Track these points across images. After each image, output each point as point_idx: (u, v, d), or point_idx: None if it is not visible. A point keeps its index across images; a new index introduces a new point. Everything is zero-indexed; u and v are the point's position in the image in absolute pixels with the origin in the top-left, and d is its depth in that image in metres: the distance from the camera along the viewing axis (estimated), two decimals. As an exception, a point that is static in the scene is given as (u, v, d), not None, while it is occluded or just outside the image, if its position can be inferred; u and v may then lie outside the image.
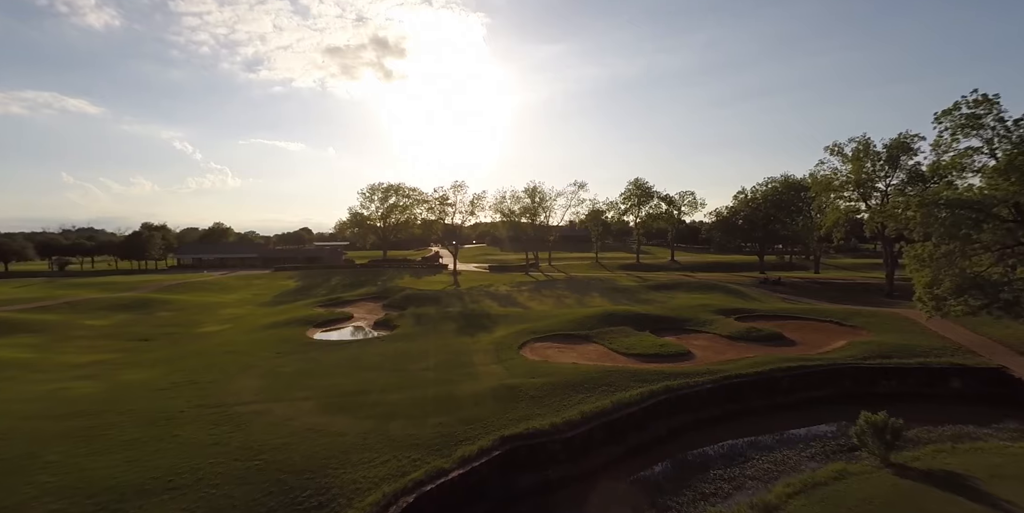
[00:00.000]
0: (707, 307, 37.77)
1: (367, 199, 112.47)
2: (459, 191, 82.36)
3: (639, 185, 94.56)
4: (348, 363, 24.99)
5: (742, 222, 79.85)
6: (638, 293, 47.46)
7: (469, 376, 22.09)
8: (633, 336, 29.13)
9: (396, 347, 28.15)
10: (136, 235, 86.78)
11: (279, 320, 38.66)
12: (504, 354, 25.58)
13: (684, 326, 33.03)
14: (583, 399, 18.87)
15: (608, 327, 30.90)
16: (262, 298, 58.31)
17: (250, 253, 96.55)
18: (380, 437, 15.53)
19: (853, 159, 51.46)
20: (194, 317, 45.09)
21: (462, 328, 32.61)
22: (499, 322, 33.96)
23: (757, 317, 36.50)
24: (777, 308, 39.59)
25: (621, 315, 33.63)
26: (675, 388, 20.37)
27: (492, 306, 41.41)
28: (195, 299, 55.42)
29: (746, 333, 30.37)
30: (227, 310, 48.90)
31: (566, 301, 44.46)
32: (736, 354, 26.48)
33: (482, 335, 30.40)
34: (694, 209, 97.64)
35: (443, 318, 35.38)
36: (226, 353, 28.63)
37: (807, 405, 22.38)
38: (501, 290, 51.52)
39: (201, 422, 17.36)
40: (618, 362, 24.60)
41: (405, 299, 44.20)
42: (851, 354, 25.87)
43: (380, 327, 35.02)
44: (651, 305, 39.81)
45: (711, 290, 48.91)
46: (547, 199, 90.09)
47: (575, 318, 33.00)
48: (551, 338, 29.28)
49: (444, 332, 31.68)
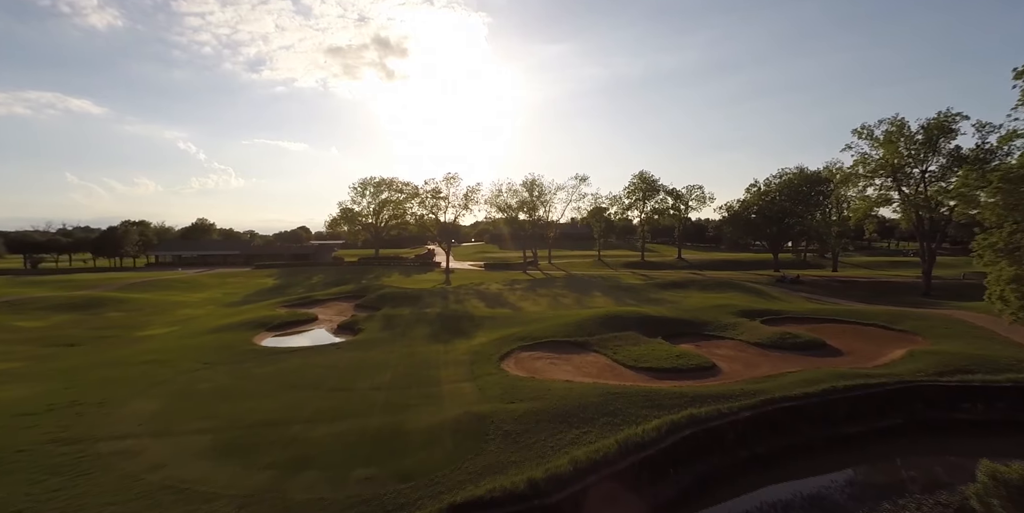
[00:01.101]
0: (727, 308, 32.41)
1: (358, 194, 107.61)
2: (452, 183, 76.96)
3: (644, 178, 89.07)
4: (283, 378, 19.78)
5: (755, 217, 74.27)
6: (645, 292, 42.07)
7: (430, 399, 16.83)
8: (642, 344, 23.82)
9: (351, 357, 22.91)
10: (110, 231, 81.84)
11: (232, 322, 33.53)
12: (481, 367, 20.30)
13: (703, 331, 27.70)
14: (578, 437, 13.58)
15: (611, 332, 25.60)
16: (231, 297, 53.27)
17: (232, 250, 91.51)
18: (266, 507, 10.28)
19: (886, 142, 45.93)
20: (144, 318, 40.03)
21: (436, 333, 27.35)
22: (482, 326, 28.69)
23: (786, 320, 31.15)
24: (807, 309, 34.18)
25: (627, 317, 28.33)
26: (702, 418, 15.03)
27: (478, 307, 36.11)
28: (156, 298, 50.41)
29: (780, 340, 25.01)
30: (184, 310, 43.84)
31: (563, 301, 39.13)
32: (772, 367, 21.15)
33: (459, 342, 25.13)
34: (702, 204, 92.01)
35: (417, 321, 30.12)
36: (146, 363, 23.50)
37: (876, 438, 17.01)
38: (491, 289, 46.21)
39: (34, 468, 12.24)
40: (624, 379, 19.30)
41: (380, 299, 38.97)
42: (918, 368, 20.47)
43: (343, 331, 29.81)
44: (662, 306, 34.45)
45: (727, 288, 43.51)
46: (546, 193, 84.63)
47: (572, 321, 27.72)
48: (542, 346, 23.98)
49: (414, 338, 26.42)
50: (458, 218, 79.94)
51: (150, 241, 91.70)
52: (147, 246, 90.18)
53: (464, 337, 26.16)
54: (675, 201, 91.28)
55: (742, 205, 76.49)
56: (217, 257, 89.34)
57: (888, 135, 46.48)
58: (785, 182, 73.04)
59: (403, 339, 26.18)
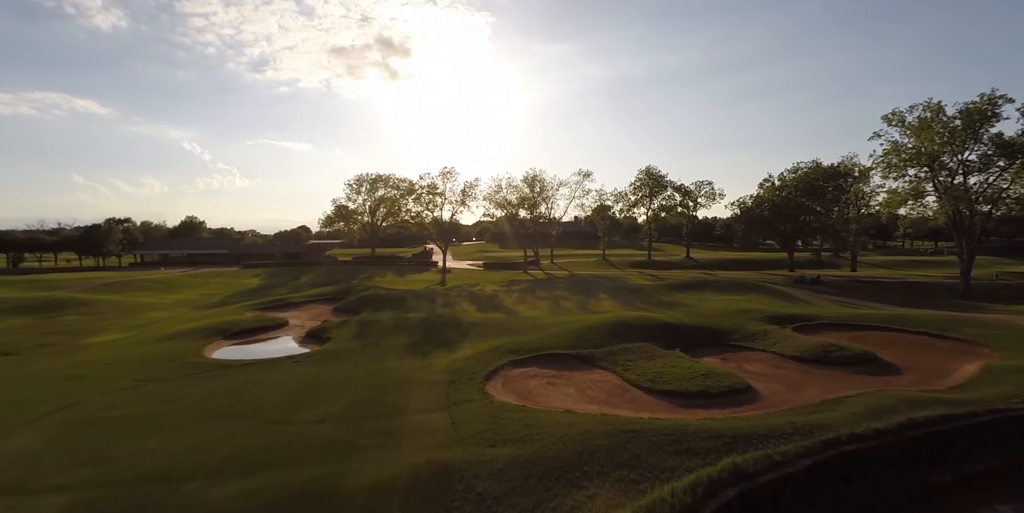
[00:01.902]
0: (751, 313, 28.31)
1: (354, 191, 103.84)
2: (448, 178, 73.08)
3: (651, 174, 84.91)
4: (214, 403, 15.90)
5: (768, 213, 70.00)
6: (656, 294, 37.99)
7: (386, 438, 12.88)
8: (658, 358, 19.80)
9: (306, 374, 19.01)
10: (93, 229, 78.37)
11: (191, 328, 29.73)
12: (460, 390, 16.34)
13: (728, 340, 23.65)
14: (581, 504, 9.61)
15: (621, 343, 21.58)
16: (208, 299, 49.56)
17: (220, 249, 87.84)
18: None
19: (921, 128, 41.67)
20: (102, 323, 36.30)
21: (416, 343, 23.39)
22: (470, 334, 24.72)
23: (821, 327, 27.05)
24: (842, 314, 30.05)
25: (638, 325, 24.30)
26: (750, 472, 11.02)
27: (468, 311, 32.14)
28: (126, 300, 46.79)
29: (822, 353, 20.92)
30: (150, 313, 40.11)
31: (564, 304, 35.08)
32: (822, 390, 17.09)
33: (439, 355, 21.17)
34: (712, 201, 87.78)
35: (396, 328, 26.20)
36: (67, 380, 19.71)
37: (966, 488, 13.01)
38: (486, 290, 42.22)
39: None
40: (640, 407, 15.30)
41: (361, 302, 35.09)
42: (1007, 391, 16.37)
43: (309, 340, 25.92)
44: (676, 310, 30.38)
45: (746, 290, 39.38)
46: (548, 189, 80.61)
47: (575, 329, 23.72)
48: (538, 360, 19.99)
49: (388, 349, 22.47)
50: (455, 215, 76.04)
51: (136, 240, 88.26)
52: (133, 245, 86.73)
53: (447, 348, 22.19)
54: (683, 198, 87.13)
55: (755, 201, 72.21)
56: (205, 256, 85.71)
57: (922, 122, 42.27)
58: (801, 177, 68.71)
59: (375, 351, 22.24)
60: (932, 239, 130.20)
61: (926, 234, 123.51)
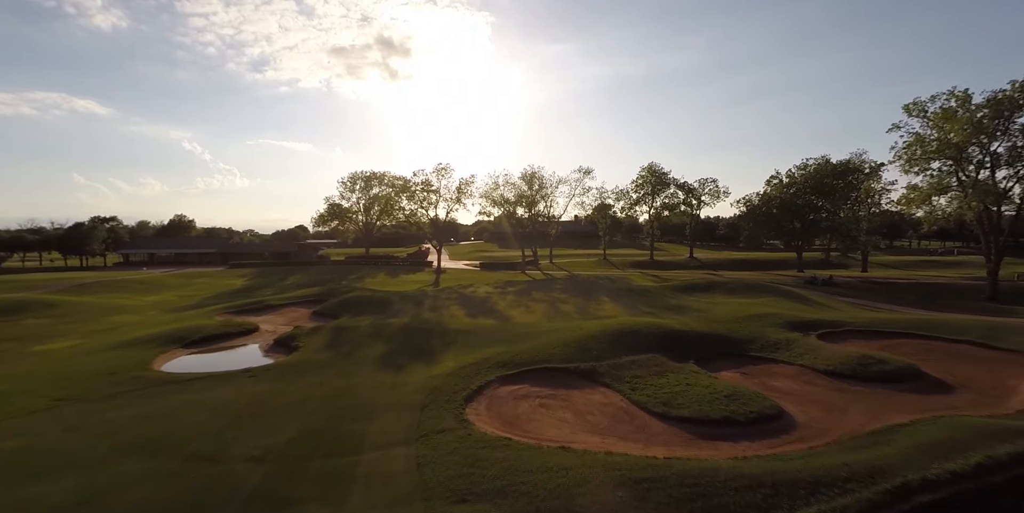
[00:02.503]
0: (769, 318, 25.55)
1: (347, 189, 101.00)
2: (443, 175, 70.28)
3: (654, 171, 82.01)
4: (135, 432, 13.16)
5: (776, 211, 67.20)
6: (662, 297, 35.15)
7: (331, 486, 10.12)
8: (670, 373, 17.03)
9: (258, 393, 16.24)
10: (76, 227, 75.61)
11: (152, 334, 26.96)
12: (435, 416, 13.56)
13: (747, 351, 20.88)
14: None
15: (627, 355, 18.80)
16: (186, 300, 46.77)
17: (208, 248, 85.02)
18: None
19: (948, 118, 38.84)
20: (63, 327, 33.55)
21: (393, 353, 20.63)
22: (456, 343, 21.95)
23: (848, 334, 24.32)
24: (867, 319, 27.26)
25: (645, 333, 21.51)
26: (806, 540, 8.28)
27: (457, 316, 29.32)
28: (98, 301, 44.04)
29: (859, 366, 18.15)
30: (118, 317, 37.33)
31: (563, 308, 32.26)
32: (867, 414, 14.33)
33: (417, 369, 18.40)
34: (716, 199, 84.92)
35: (373, 335, 23.43)
36: (-18, 399, 16.95)
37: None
38: (479, 292, 39.40)
39: None
40: (653, 438, 12.55)
41: (343, 305, 32.33)
42: (1091, 417, 13.63)
43: (276, 349, 23.14)
44: (686, 315, 27.58)
45: (759, 292, 36.59)
46: (547, 186, 77.75)
47: (574, 338, 20.94)
48: (531, 376, 17.22)
49: (360, 361, 19.71)
50: (451, 213, 73.23)
51: (121, 239, 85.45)
52: (118, 244, 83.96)
53: (427, 361, 19.42)
54: (687, 196, 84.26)
55: (762, 199, 69.38)
56: (192, 256, 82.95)
57: (946, 112, 39.45)
58: (810, 174, 65.89)
59: (345, 363, 19.48)
60: (940, 239, 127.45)
61: (934, 234, 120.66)
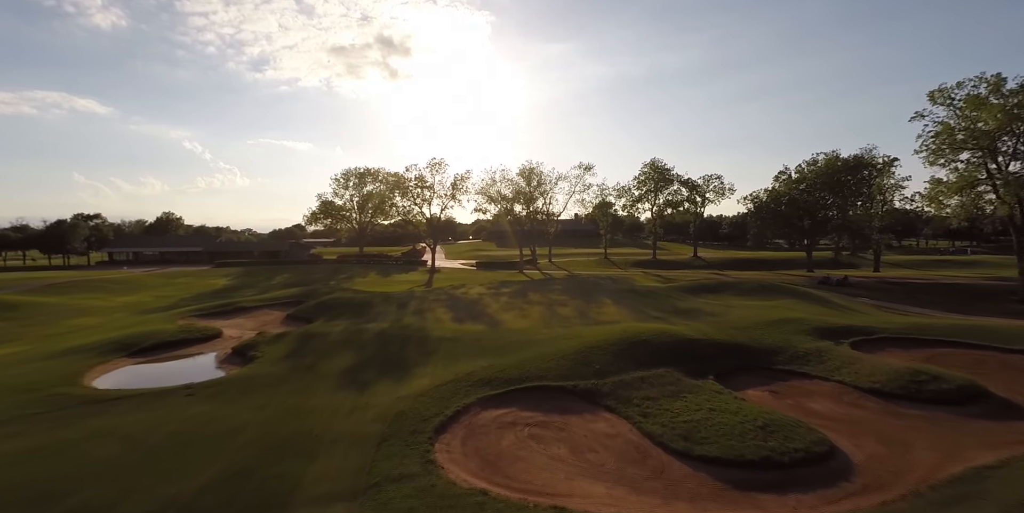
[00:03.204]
0: (793, 324, 22.64)
1: (340, 186, 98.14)
2: (437, 170, 67.34)
3: (656, 167, 79.04)
4: (14, 473, 10.29)
5: (785, 208, 64.30)
6: (670, 299, 32.21)
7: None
8: (688, 393, 14.12)
9: (190, 416, 13.36)
10: (57, 225, 72.75)
11: (100, 341, 24.05)
12: (394, 455, 10.66)
13: (773, 363, 17.98)
14: None
15: (635, 370, 15.91)
16: (162, 301, 43.86)
17: (195, 247, 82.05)
18: None
19: (974, 106, 35.91)
20: (17, 330, 30.71)
21: (361, 366, 17.74)
22: (436, 353, 19.05)
23: (883, 342, 21.43)
24: (902, 324, 24.30)
25: (655, 342, 18.60)
26: None
27: (443, 320, 26.37)
28: (66, 302, 41.16)
29: (911, 384, 15.23)
30: (79, 320, 34.45)
31: (561, 312, 29.31)
32: (937, 450, 11.45)
33: (384, 387, 15.49)
34: (721, 196, 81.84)
35: (344, 344, 20.54)
36: None
37: None
38: (470, 293, 36.43)
39: None
40: (675, 489, 9.64)
41: (320, 307, 29.45)
42: None
43: (231, 359, 20.24)
44: (698, 320, 24.63)
45: (774, 293, 33.66)
46: (546, 183, 74.82)
47: (573, 348, 18.04)
48: (520, 397, 14.32)
49: (321, 376, 16.81)
50: (445, 210, 70.27)
51: (105, 237, 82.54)
52: (102, 242, 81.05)
53: (399, 376, 16.53)
54: (691, 192, 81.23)
55: (770, 195, 66.43)
56: (178, 254, 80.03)
57: (974, 99, 36.50)
58: (820, 169, 62.94)
59: (303, 378, 16.59)
60: (948, 238, 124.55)
61: (942, 233, 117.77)
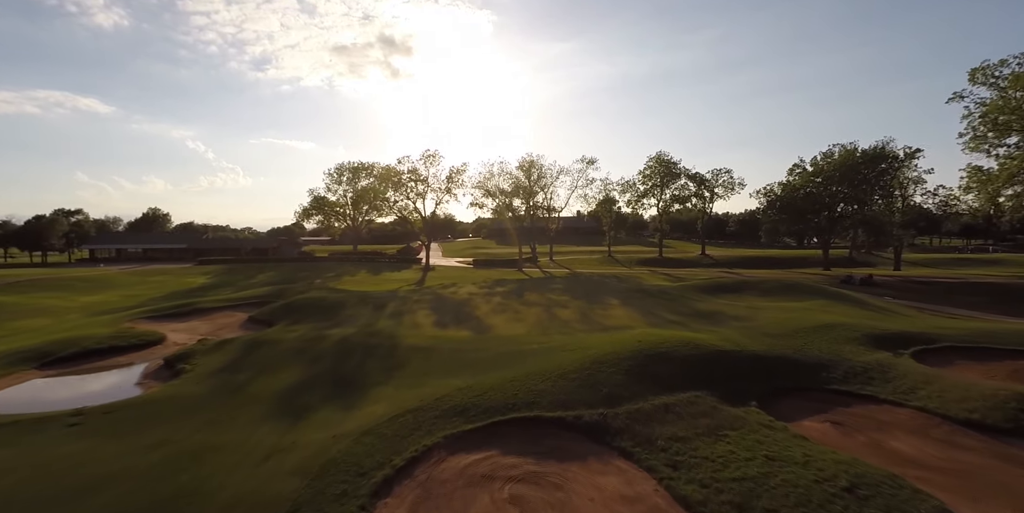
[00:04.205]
0: (837, 330, 18.92)
1: (334, 181, 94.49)
2: (432, 163, 63.70)
3: (662, 161, 75.25)
4: None
5: (801, 203, 60.48)
6: (685, 300, 28.44)
7: None
8: (730, 430, 10.45)
9: (57, 457, 9.76)
10: (35, 220, 69.45)
11: (19, 347, 20.48)
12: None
13: (826, 381, 14.26)
14: None
15: (654, 392, 12.23)
16: (128, 301, 40.36)
17: (179, 244, 78.60)
18: None
19: (1020, 84, 32.12)
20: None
21: (303, 386, 14.10)
22: (404, 368, 15.40)
23: (950, 352, 17.75)
24: (964, 330, 20.52)
25: (677, 354, 14.90)
26: None
27: (422, 325, 22.67)
28: (20, 302, 37.64)
29: (1021, 415, 11.57)
30: (27, 321, 30.89)
31: (561, 314, 25.52)
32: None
33: (324, 416, 11.84)
34: (730, 191, 77.99)
35: (296, 354, 16.91)
36: None
37: None
38: (460, 293, 32.73)
39: None
40: None
41: (286, 309, 25.83)
42: None
43: (159, 372, 16.63)
44: (723, 325, 20.88)
45: (801, 293, 29.89)
46: (547, 176, 71.18)
47: (575, 363, 14.36)
48: (503, 434, 10.64)
49: (250, 399, 13.18)
50: (440, 204, 66.59)
51: (86, 233, 79.19)
52: (83, 239, 77.71)
53: (348, 400, 12.88)
54: (698, 187, 77.38)
55: (785, 188, 62.58)
56: (163, 252, 76.60)
57: (1019, 78, 32.73)
58: (839, 161, 59.09)
59: (226, 402, 12.97)
60: (961, 237, 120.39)
61: (957, 231, 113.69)
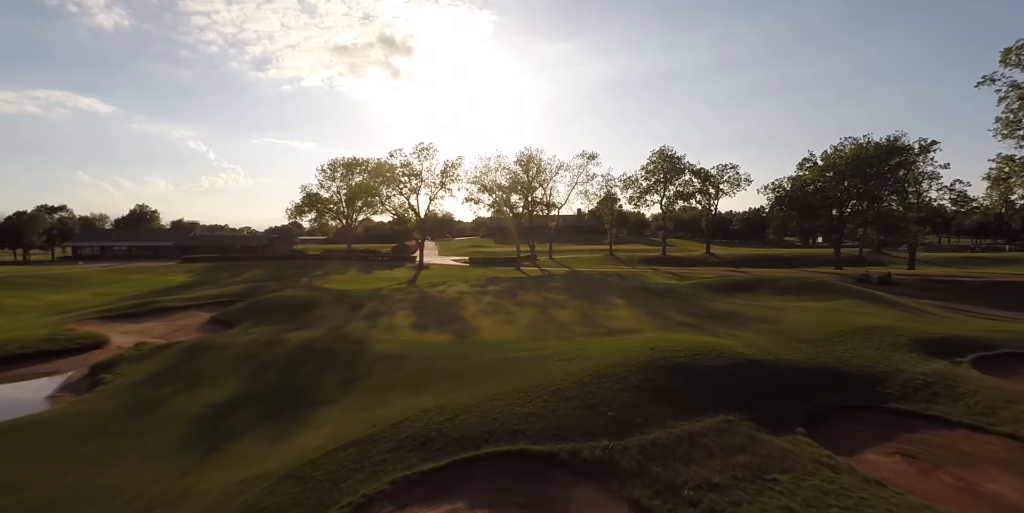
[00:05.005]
0: (879, 334, 16.22)
1: (327, 177, 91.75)
2: (426, 156, 61.01)
3: (665, 156, 72.53)
4: None
5: (812, 198, 57.78)
6: (697, 299, 25.69)
7: None
8: (777, 473, 7.75)
9: None
10: (16, 216, 67.03)
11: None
12: None
13: (879, 397, 11.52)
14: None
15: (674, 417, 9.52)
16: (98, 299, 37.68)
17: (166, 241, 76.06)
18: None
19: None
20: None
21: (235, 404, 11.43)
22: (362, 381, 12.71)
23: (1011, 359, 15.06)
24: (1017, 333, 17.87)
25: (699, 365, 12.18)
26: None
27: (398, 327, 19.96)
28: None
29: None
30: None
31: (558, 316, 22.76)
32: None
33: (247, 447, 9.18)
34: (736, 188, 75.20)
35: (239, 362, 14.25)
36: None
37: None
38: (449, 292, 30.00)
39: None
40: None
41: (250, 309, 23.17)
42: None
43: (81, 383, 13.91)
44: (744, 327, 18.17)
45: (823, 293, 27.16)
46: (546, 171, 68.57)
47: (571, 377, 11.66)
48: (475, 474, 7.99)
49: (163, 421, 10.53)
50: (434, 200, 63.79)
51: (70, 230, 76.73)
52: (66, 236, 75.26)
53: (282, 426, 10.17)
54: (703, 184, 74.61)
55: (795, 183, 59.82)
56: (149, 249, 74.08)
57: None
58: (852, 153, 56.34)
59: (132, 426, 10.29)
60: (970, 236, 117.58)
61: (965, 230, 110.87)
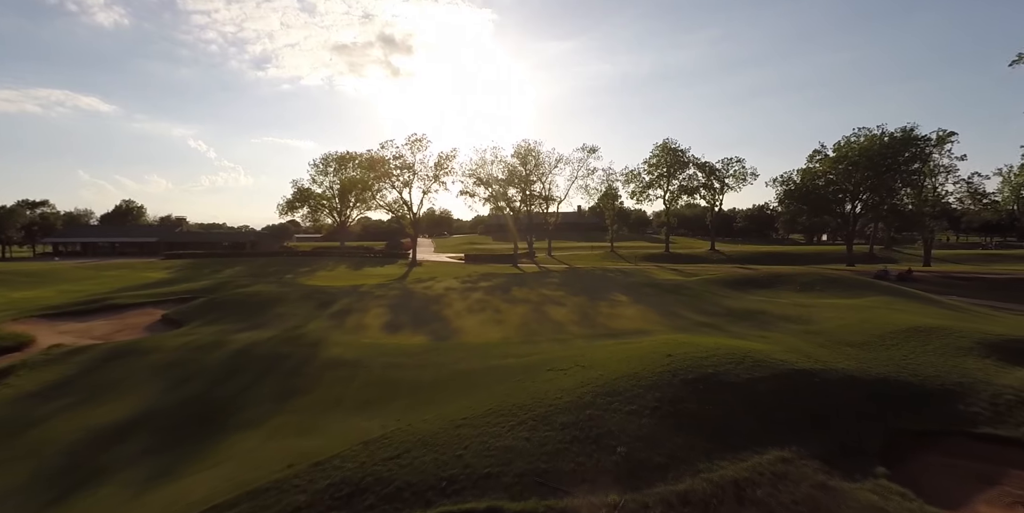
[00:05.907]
0: (938, 336, 13.58)
1: (319, 172, 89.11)
2: (418, 148, 58.27)
3: (669, 149, 69.80)
4: None
5: (824, 191, 55.18)
6: (711, 296, 22.94)
7: None
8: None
9: None
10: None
11: None
12: None
13: (964, 420, 8.83)
14: None
15: (710, 454, 6.88)
16: (65, 297, 34.80)
17: (150, 238, 73.47)
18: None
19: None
20: None
21: (126, 430, 8.84)
22: (304, 395, 10.06)
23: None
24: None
25: (732, 377, 9.51)
26: None
27: (367, 327, 17.29)
28: (-70, 300, 32.52)
29: None
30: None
31: (555, 314, 20.01)
32: None
33: (93, 505, 6.57)
34: (742, 182, 72.46)
35: (163, 370, 11.61)
36: None
37: None
38: (435, 289, 27.27)
39: None
40: None
41: (205, 306, 20.51)
42: None
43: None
44: (774, 328, 15.50)
45: (849, 289, 24.48)
46: (544, 164, 65.91)
47: (567, 393, 9.01)
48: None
49: (19, 455, 7.91)
50: (428, 194, 61.04)
51: (52, 226, 74.20)
52: (48, 232, 72.72)
53: (169, 464, 7.47)
54: (708, 178, 71.85)
55: (806, 176, 57.12)
56: (133, 245, 71.53)
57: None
58: (864, 145, 53.69)
59: None
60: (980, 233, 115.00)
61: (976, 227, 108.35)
